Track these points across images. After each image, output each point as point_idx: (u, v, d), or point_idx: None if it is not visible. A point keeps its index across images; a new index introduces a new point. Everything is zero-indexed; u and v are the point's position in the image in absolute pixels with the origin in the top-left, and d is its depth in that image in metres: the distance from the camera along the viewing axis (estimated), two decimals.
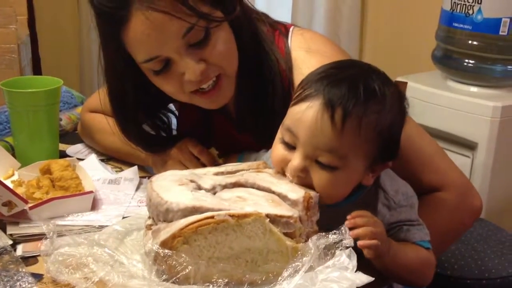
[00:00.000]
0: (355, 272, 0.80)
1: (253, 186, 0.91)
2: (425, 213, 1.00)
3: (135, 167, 1.31)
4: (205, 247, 0.81)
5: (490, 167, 1.95)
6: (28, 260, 0.97)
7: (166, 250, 0.81)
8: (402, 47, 2.68)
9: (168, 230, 0.82)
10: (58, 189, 1.15)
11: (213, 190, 0.90)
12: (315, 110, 0.86)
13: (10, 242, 1.00)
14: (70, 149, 1.48)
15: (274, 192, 0.89)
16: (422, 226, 0.97)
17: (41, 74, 2.77)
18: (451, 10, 2.03)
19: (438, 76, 2.20)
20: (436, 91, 2.07)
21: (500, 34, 1.93)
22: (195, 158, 1.21)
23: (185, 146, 1.23)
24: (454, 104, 2.00)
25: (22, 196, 1.07)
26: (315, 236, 0.83)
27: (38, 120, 1.30)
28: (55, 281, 0.87)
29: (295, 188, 0.89)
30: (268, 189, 0.90)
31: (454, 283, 1.39)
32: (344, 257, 0.81)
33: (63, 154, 1.42)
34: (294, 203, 0.86)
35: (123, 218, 1.09)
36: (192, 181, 0.91)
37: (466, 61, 2.04)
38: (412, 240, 0.95)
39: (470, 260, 1.43)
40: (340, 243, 0.82)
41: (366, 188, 0.94)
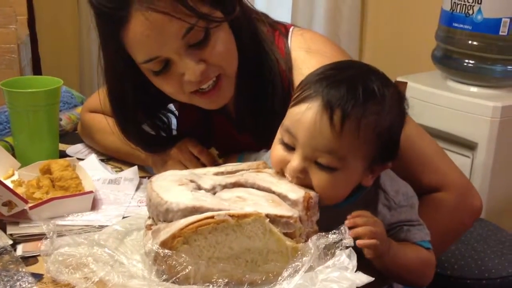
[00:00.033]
0: (355, 272, 0.80)
1: (253, 186, 0.91)
2: (425, 213, 1.00)
3: (135, 167, 1.30)
4: (205, 247, 0.81)
5: (490, 167, 1.95)
6: (28, 260, 0.97)
7: (166, 250, 0.81)
8: (402, 47, 2.67)
9: (168, 230, 0.82)
10: (58, 189, 1.15)
11: (213, 190, 0.90)
12: (314, 112, 0.86)
13: (10, 242, 1.00)
14: (70, 149, 1.48)
15: (274, 192, 0.89)
16: (422, 226, 0.97)
17: (41, 74, 2.77)
18: (451, 10, 2.03)
19: (438, 76, 2.20)
20: (436, 91, 2.07)
21: (500, 34, 1.93)
22: (195, 158, 1.21)
23: (185, 146, 1.22)
24: (454, 104, 2.00)
25: (22, 196, 1.07)
26: (315, 236, 0.83)
27: (38, 120, 1.30)
28: (55, 281, 0.87)
29: (295, 188, 0.89)
30: (268, 189, 0.90)
31: (454, 283, 1.39)
32: (344, 257, 0.81)
33: (63, 154, 1.42)
34: (294, 203, 0.86)
35: (123, 218, 1.09)
36: (192, 181, 0.90)
37: (466, 61, 2.04)
38: (412, 240, 0.95)
39: (470, 260, 1.43)
40: (340, 243, 0.82)
41: (366, 188, 0.94)
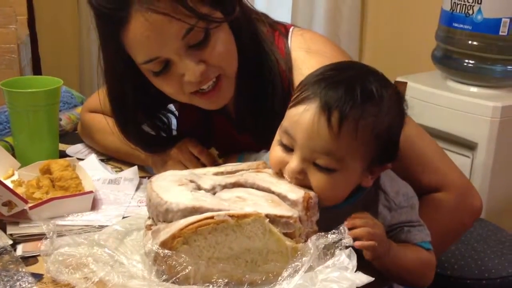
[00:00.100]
0: (355, 272, 0.80)
1: (252, 186, 0.91)
2: (425, 213, 1.00)
3: (135, 167, 1.30)
4: (205, 248, 0.81)
5: (490, 167, 1.95)
6: (28, 260, 0.97)
7: (166, 251, 0.81)
8: (402, 47, 2.67)
9: (168, 230, 0.82)
10: (58, 189, 1.15)
11: (212, 190, 0.90)
12: (312, 113, 0.86)
13: (10, 242, 1.00)
14: (70, 149, 1.48)
15: (273, 192, 0.89)
16: (422, 227, 0.97)
17: (41, 74, 2.77)
18: (451, 10, 2.03)
19: (438, 76, 2.20)
20: (436, 91, 2.07)
21: (500, 34, 1.93)
22: (195, 158, 1.21)
23: (185, 146, 1.22)
24: (454, 104, 2.00)
25: (22, 196, 1.07)
26: (315, 236, 0.83)
27: (38, 120, 1.30)
28: (55, 281, 0.87)
29: (295, 188, 0.89)
30: (267, 189, 0.90)
31: (454, 283, 1.39)
32: (344, 257, 0.81)
33: (63, 154, 1.42)
34: (293, 203, 0.86)
35: (123, 218, 1.09)
36: (191, 181, 0.90)
37: (466, 61, 2.04)
38: (413, 241, 0.95)
39: (470, 260, 1.43)
40: (339, 243, 0.82)
41: (365, 189, 0.94)
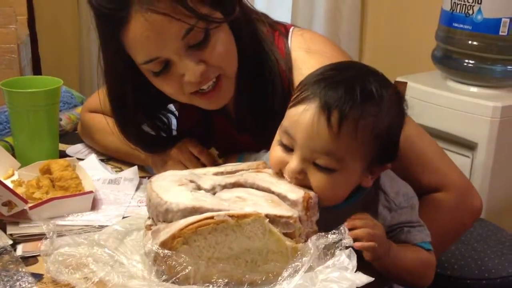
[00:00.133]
0: (355, 272, 0.80)
1: (252, 186, 0.91)
2: (425, 213, 1.00)
3: (135, 167, 1.30)
4: (204, 248, 0.81)
5: (490, 167, 1.95)
6: (28, 260, 0.97)
7: (166, 251, 0.81)
8: (402, 47, 2.67)
9: (167, 230, 0.82)
10: (58, 189, 1.15)
11: (212, 190, 0.90)
12: (312, 113, 0.86)
13: (10, 242, 1.00)
14: (70, 149, 1.48)
15: (273, 192, 0.89)
16: (423, 227, 0.97)
17: (41, 74, 2.77)
18: (451, 10, 2.03)
19: (438, 76, 2.20)
20: (436, 91, 2.07)
21: (500, 34, 1.93)
22: (195, 158, 1.21)
23: (185, 146, 1.22)
24: (454, 104, 2.00)
25: (22, 196, 1.07)
26: (315, 236, 0.83)
27: (38, 120, 1.30)
28: (55, 281, 0.87)
29: (295, 188, 0.88)
30: (267, 189, 0.90)
31: (454, 283, 1.39)
32: (344, 257, 0.81)
33: (63, 154, 1.42)
34: (293, 203, 0.86)
35: (123, 218, 1.09)
36: (191, 181, 0.90)
37: (466, 61, 2.04)
38: (413, 241, 0.95)
39: (470, 260, 1.43)
40: (339, 243, 0.82)
41: (365, 189, 0.94)
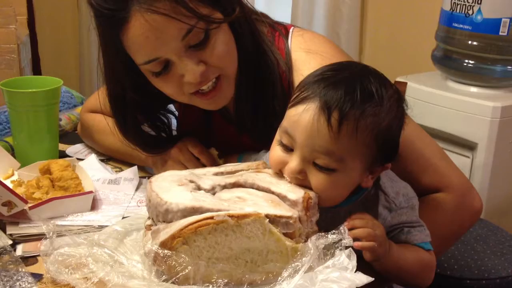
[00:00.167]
0: (355, 272, 0.80)
1: (252, 187, 0.91)
2: (425, 214, 1.00)
3: (135, 167, 1.30)
4: (204, 248, 0.81)
5: (490, 167, 1.95)
6: (28, 260, 0.97)
7: (166, 251, 0.81)
8: (402, 47, 2.68)
9: (167, 230, 0.82)
10: (58, 189, 1.15)
11: (212, 191, 0.90)
12: (312, 113, 0.86)
13: (10, 242, 1.00)
14: (70, 149, 1.48)
15: (273, 192, 0.89)
16: (423, 227, 0.97)
17: (41, 74, 2.77)
18: (451, 10, 2.03)
19: (438, 76, 2.20)
20: (436, 92, 2.07)
21: (500, 34, 1.94)
22: (195, 158, 1.21)
23: (185, 146, 1.22)
24: (454, 104, 2.00)
25: (22, 196, 1.07)
26: (315, 236, 0.83)
27: (38, 120, 1.30)
28: (55, 281, 0.87)
29: (295, 188, 0.88)
30: (267, 189, 0.90)
31: (454, 283, 1.39)
32: (343, 257, 0.81)
33: (63, 154, 1.42)
34: (293, 204, 0.86)
35: (123, 218, 1.09)
36: (191, 181, 0.90)
37: (466, 61, 2.05)
38: (413, 242, 0.95)
39: (470, 260, 1.43)
40: (339, 243, 0.82)
41: (365, 190, 0.94)
